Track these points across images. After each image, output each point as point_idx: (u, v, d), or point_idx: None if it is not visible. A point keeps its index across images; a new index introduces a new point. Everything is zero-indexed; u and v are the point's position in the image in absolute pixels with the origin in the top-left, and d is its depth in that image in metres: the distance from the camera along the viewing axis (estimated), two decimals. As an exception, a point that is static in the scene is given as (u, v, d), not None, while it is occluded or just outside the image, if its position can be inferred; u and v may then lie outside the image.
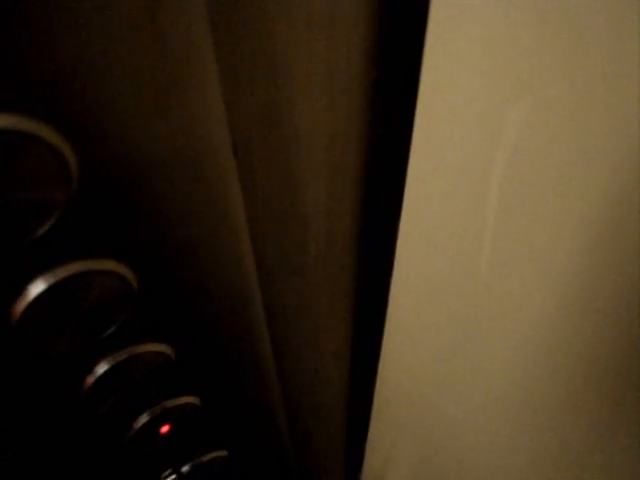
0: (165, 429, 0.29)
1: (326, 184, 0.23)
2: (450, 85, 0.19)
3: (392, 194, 0.24)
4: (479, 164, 0.20)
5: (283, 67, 0.19)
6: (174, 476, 0.33)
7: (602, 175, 0.19)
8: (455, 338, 0.30)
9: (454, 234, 0.24)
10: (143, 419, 0.27)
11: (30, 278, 0.17)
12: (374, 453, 0.45)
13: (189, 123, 0.17)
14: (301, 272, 0.29)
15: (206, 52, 0.16)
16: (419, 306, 0.29)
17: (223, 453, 0.36)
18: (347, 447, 0.48)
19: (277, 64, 0.19)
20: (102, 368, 0.22)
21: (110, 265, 0.18)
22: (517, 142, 0.19)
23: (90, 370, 0.22)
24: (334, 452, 0.48)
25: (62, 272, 0.17)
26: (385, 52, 0.21)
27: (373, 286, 0.31)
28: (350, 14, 0.20)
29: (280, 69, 0.19)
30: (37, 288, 0.17)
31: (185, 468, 0.34)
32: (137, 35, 0.15)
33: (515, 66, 0.17)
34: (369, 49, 0.20)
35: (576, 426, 0.26)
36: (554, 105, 0.17)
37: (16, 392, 0.20)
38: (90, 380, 0.22)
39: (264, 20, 0.18)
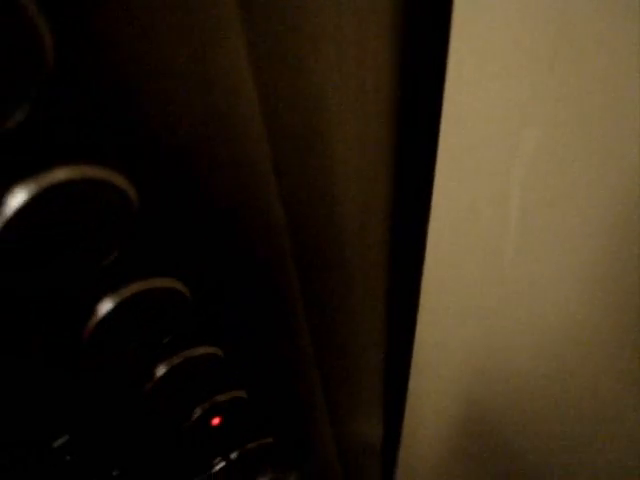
0: (216, 421, 0.31)
1: (359, 195, 0.25)
2: (471, 108, 0.20)
3: (420, 204, 0.25)
4: (500, 176, 0.22)
5: (318, 90, 0.21)
6: (224, 463, 0.36)
7: (609, 183, 0.20)
8: (483, 329, 0.31)
9: (480, 237, 0.25)
10: (196, 414, 0.29)
11: (98, 299, 0.19)
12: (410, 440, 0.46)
13: (238, 151, 0.18)
14: (337, 270, 0.30)
15: (249, 85, 0.18)
16: (449, 301, 0.30)
17: (269, 439, 0.38)
18: (385, 434, 0.50)
19: (312, 87, 0.20)
20: (161, 371, 0.24)
21: (168, 282, 0.20)
22: (533, 157, 0.20)
23: (151, 374, 0.24)
24: (372, 436, 0.50)
25: (126, 292, 0.19)
26: (410, 72, 0.22)
27: (405, 282, 0.33)
28: (378, 37, 0.21)
29: (315, 92, 0.21)
30: (105, 307, 0.19)
31: (234, 455, 0.37)
32: (190, 78, 0.16)
33: (530, 95, 0.19)
34: (396, 68, 0.22)
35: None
36: (564, 128, 0.19)
37: (89, 397, 0.22)
38: (150, 382, 0.24)
39: (299, 50, 0.19)
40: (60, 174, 0.15)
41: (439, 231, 0.27)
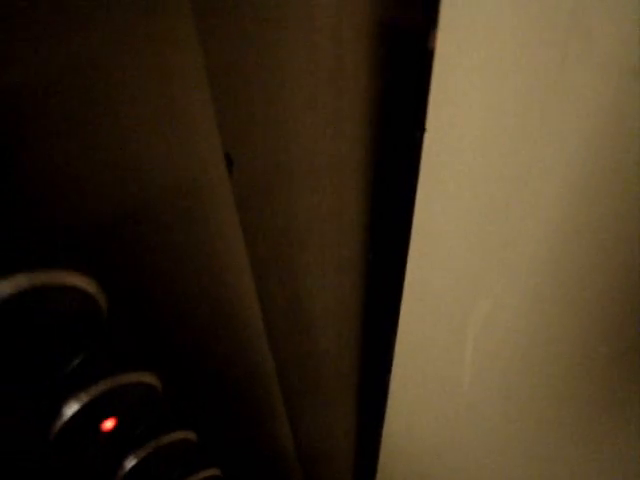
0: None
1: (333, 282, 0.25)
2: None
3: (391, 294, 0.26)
4: (457, 330, 0.24)
5: (291, 132, 0.20)
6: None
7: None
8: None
9: (440, 362, 0.27)
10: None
11: (64, 399, 0.18)
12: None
13: (209, 242, 0.18)
14: (307, 333, 0.30)
15: (215, 139, 0.17)
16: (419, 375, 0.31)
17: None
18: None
19: (285, 129, 0.20)
20: (130, 463, 0.23)
21: (135, 377, 0.19)
22: (485, 321, 0.23)
23: (121, 466, 0.22)
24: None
25: (94, 390, 0.18)
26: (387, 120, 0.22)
27: (377, 359, 0.33)
28: (355, 83, 0.21)
29: (288, 134, 0.20)
30: (70, 409, 0.18)
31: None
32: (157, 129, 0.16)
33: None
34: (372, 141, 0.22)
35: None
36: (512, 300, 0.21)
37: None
38: (121, 473, 0.23)
39: (272, 89, 0.19)
40: (23, 281, 0.14)
41: (404, 353, 0.29)
